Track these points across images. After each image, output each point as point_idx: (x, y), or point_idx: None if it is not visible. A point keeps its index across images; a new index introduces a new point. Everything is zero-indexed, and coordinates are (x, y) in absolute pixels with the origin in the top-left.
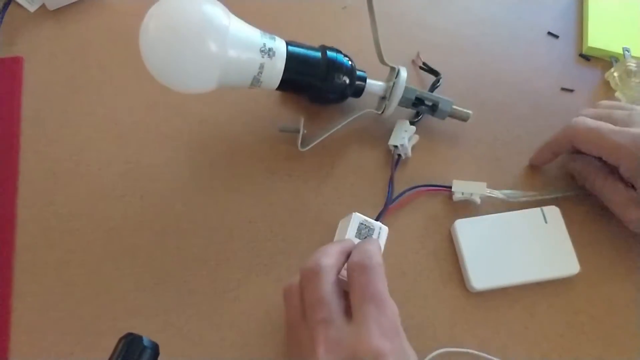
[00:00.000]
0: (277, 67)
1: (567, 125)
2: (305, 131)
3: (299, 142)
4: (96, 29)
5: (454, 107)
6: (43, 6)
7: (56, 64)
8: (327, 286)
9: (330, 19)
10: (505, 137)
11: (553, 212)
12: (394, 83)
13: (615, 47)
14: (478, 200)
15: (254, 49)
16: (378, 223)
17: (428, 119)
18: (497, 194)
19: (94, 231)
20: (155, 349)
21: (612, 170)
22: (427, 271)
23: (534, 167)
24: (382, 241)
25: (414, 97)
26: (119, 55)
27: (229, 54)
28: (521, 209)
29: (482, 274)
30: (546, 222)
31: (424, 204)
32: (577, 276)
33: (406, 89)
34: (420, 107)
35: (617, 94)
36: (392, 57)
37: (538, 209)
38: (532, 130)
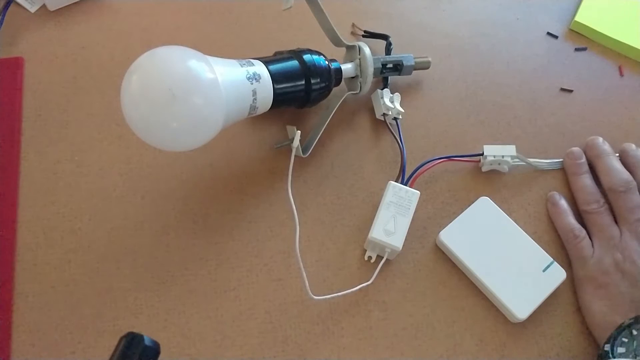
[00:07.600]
0: (267, 88)
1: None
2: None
3: (300, 150)
4: (97, 29)
5: (416, 59)
6: (44, 7)
7: (57, 64)
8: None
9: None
10: (505, 138)
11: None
12: (360, 60)
13: (601, 27)
14: (506, 168)
15: (242, 82)
16: (411, 189)
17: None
18: (525, 159)
19: (95, 231)
20: (156, 348)
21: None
22: (425, 270)
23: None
24: (413, 205)
25: (380, 65)
26: (120, 55)
27: (226, 102)
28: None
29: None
30: None
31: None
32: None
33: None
34: (386, 72)
35: None
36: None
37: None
38: (530, 131)
